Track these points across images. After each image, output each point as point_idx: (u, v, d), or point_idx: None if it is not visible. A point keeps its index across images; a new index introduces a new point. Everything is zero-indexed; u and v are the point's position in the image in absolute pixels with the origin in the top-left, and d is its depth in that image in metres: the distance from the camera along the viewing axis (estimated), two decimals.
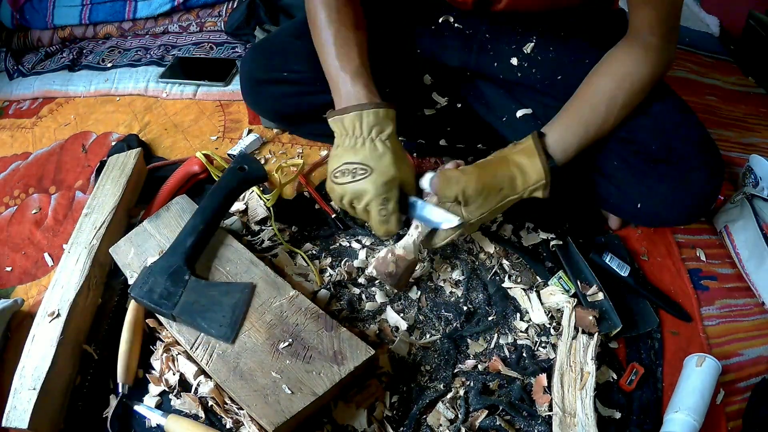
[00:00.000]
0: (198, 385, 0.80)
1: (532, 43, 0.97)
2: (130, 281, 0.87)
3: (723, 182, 0.89)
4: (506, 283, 0.92)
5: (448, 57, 1.04)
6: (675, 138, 0.87)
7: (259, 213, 1.04)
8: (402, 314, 0.89)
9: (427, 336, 0.87)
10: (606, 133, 0.86)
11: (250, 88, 1.08)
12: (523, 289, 0.91)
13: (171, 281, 0.82)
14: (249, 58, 1.06)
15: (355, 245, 0.99)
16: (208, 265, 0.88)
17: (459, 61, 1.03)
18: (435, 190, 0.83)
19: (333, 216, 1.04)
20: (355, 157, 0.83)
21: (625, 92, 0.83)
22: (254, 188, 1.06)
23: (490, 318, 0.88)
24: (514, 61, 0.98)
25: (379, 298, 0.91)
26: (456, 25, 1.01)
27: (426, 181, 0.85)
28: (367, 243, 0.99)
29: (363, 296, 0.93)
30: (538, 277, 0.93)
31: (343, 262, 0.97)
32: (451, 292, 0.92)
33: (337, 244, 1.00)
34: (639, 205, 0.89)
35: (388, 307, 0.90)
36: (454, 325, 0.88)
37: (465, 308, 0.89)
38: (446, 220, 0.83)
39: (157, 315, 0.84)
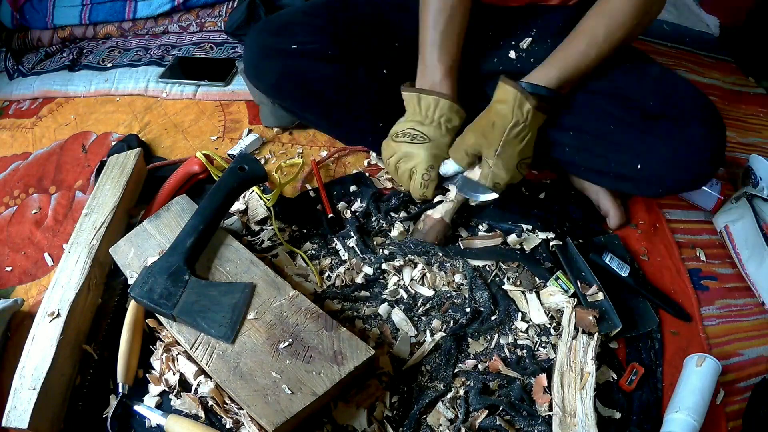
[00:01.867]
0: (198, 385, 0.80)
1: (530, 38, 0.98)
2: (130, 281, 0.87)
3: (725, 139, 0.87)
4: (505, 285, 0.92)
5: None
6: (672, 94, 0.88)
7: (260, 213, 1.04)
8: (409, 313, 0.89)
9: (429, 337, 0.87)
10: (592, 66, 0.89)
11: (256, 61, 1.01)
12: (522, 291, 0.91)
13: (171, 281, 0.82)
14: (256, 30, 1.01)
15: (343, 253, 0.98)
16: (208, 265, 0.87)
17: (470, 61, 1.03)
18: (455, 163, 0.94)
19: (330, 216, 1.03)
20: (421, 127, 0.94)
21: (606, 26, 0.86)
22: (254, 188, 1.06)
23: (493, 317, 0.88)
24: (513, 54, 0.98)
25: (383, 310, 0.90)
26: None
27: (449, 165, 0.96)
28: (351, 245, 0.99)
29: (363, 299, 0.93)
30: (536, 278, 0.93)
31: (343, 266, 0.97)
32: (456, 293, 0.92)
33: (335, 243, 1.00)
34: (639, 167, 0.89)
35: (396, 309, 0.90)
36: (460, 321, 0.87)
37: (469, 309, 0.89)
38: (485, 193, 0.92)
39: (157, 315, 0.84)
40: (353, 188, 1.10)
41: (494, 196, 0.92)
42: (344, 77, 1.00)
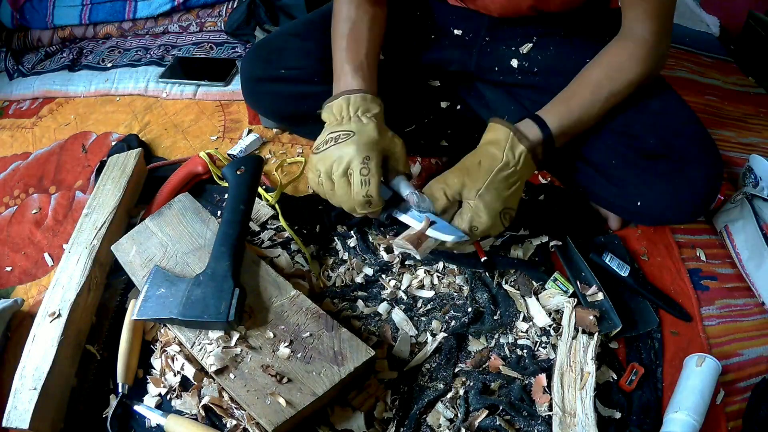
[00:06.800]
0: (198, 384, 0.80)
1: (531, 44, 0.98)
2: (134, 279, 0.87)
3: (722, 179, 0.89)
4: (505, 286, 0.92)
5: (448, 64, 1.04)
6: (674, 134, 0.87)
7: (263, 214, 1.04)
8: (409, 313, 0.89)
9: (430, 338, 0.87)
10: (593, 119, 0.86)
11: (250, 88, 1.08)
12: (522, 295, 0.91)
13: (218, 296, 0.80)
14: (248, 57, 1.07)
15: (344, 254, 0.99)
16: None
17: (460, 66, 1.03)
18: (423, 200, 0.81)
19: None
20: (340, 127, 0.83)
21: (613, 82, 0.84)
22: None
23: (495, 317, 0.88)
24: (515, 62, 0.98)
25: (383, 306, 0.91)
26: (455, 31, 1.01)
27: (412, 196, 0.81)
28: (352, 244, 0.99)
29: (363, 298, 0.93)
30: (533, 282, 0.92)
31: (344, 266, 0.97)
32: (457, 294, 0.92)
33: (335, 243, 1.00)
34: (639, 203, 0.89)
35: (396, 308, 0.90)
36: (462, 320, 0.87)
37: (470, 309, 0.89)
38: (454, 234, 0.79)
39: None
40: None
41: (465, 239, 0.79)
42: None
